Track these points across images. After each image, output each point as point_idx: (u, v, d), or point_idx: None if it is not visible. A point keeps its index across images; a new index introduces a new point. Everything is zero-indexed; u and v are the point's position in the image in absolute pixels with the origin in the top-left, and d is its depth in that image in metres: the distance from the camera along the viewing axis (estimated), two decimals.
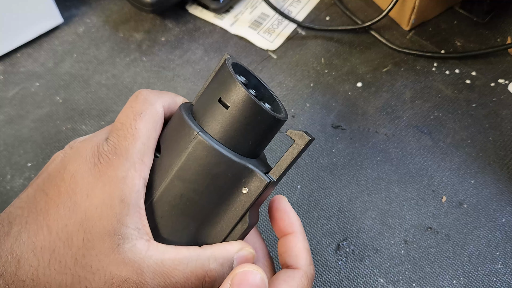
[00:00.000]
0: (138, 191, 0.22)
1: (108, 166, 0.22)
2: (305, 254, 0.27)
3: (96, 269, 0.21)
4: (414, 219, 0.39)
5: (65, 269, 0.21)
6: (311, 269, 0.27)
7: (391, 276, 0.37)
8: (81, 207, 0.22)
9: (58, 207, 0.22)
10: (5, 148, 0.44)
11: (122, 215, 0.22)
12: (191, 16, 0.54)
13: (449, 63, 0.49)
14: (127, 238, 0.22)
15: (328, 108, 0.46)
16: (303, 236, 0.28)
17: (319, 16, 0.54)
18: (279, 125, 0.25)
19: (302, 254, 0.27)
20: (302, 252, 0.27)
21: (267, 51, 0.51)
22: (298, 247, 0.27)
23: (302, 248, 0.27)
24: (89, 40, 0.52)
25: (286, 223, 0.28)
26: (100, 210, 0.22)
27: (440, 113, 0.45)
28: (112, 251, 0.21)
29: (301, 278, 0.26)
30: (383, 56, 0.50)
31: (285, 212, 0.28)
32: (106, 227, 0.21)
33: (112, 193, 0.22)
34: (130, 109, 0.24)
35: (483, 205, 0.40)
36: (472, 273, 0.36)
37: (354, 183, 0.41)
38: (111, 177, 0.22)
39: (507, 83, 0.47)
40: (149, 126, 0.23)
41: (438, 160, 0.42)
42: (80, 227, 0.21)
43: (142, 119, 0.23)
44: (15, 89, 0.48)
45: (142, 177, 0.23)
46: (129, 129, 0.23)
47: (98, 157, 0.23)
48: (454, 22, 0.52)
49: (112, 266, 0.21)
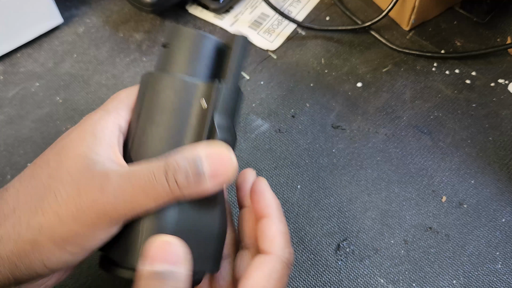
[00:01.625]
0: (111, 131, 0.25)
1: (87, 116, 0.26)
2: (279, 238, 0.26)
3: (66, 182, 0.23)
4: (414, 219, 0.39)
5: (39, 183, 0.24)
6: (287, 253, 0.26)
7: (391, 276, 0.37)
8: (60, 143, 0.25)
9: (46, 151, 0.26)
10: (5, 148, 0.44)
11: (94, 144, 0.24)
12: (191, 16, 0.54)
13: (449, 63, 0.49)
14: (98, 162, 0.23)
15: (328, 108, 0.46)
16: (278, 219, 0.27)
17: (319, 16, 0.54)
18: (209, 42, 0.28)
19: (276, 238, 0.26)
20: (276, 237, 0.26)
21: (267, 51, 0.51)
22: (272, 231, 0.26)
23: (276, 232, 0.26)
24: (89, 40, 0.52)
25: (261, 205, 0.27)
26: (74, 141, 0.25)
27: (440, 113, 0.45)
28: (83, 169, 0.23)
29: (274, 263, 0.25)
30: (383, 56, 0.50)
31: (261, 194, 0.28)
32: (78, 152, 0.24)
33: (86, 129, 0.25)
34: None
35: (483, 205, 0.40)
36: (472, 273, 0.36)
37: (354, 183, 0.41)
38: (87, 120, 0.25)
39: (507, 83, 0.47)
40: (126, 92, 0.27)
41: (438, 160, 0.42)
42: (57, 155, 0.24)
43: (121, 92, 0.27)
44: (15, 89, 0.48)
45: (116, 123, 0.25)
46: (110, 97, 0.27)
47: None
48: (454, 22, 0.52)
49: (81, 181, 0.23)
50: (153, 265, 0.22)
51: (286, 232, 0.27)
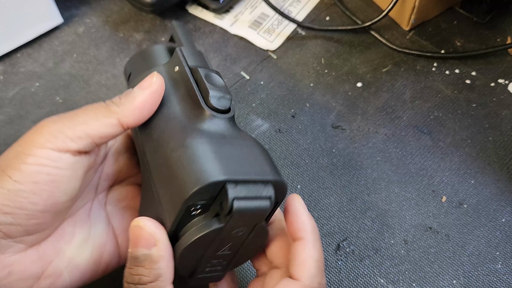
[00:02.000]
0: None
1: None
2: (310, 264, 0.25)
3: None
4: (414, 219, 0.39)
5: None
6: (315, 282, 0.24)
7: (391, 276, 0.37)
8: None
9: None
10: (5, 148, 0.43)
11: None
12: (191, 16, 0.54)
13: (449, 63, 0.49)
14: None
15: (328, 108, 0.46)
16: (313, 243, 0.25)
17: (319, 16, 0.54)
18: (157, 48, 0.32)
19: (307, 264, 0.25)
20: (306, 262, 0.25)
21: (267, 51, 0.51)
22: (303, 256, 0.25)
23: (307, 257, 0.25)
24: (89, 40, 0.52)
25: (295, 227, 0.26)
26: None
27: (440, 113, 0.45)
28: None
29: None
30: (383, 56, 0.50)
31: (295, 215, 0.26)
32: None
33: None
34: None
35: (483, 205, 0.40)
36: (472, 273, 0.36)
37: (354, 183, 0.41)
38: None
39: (507, 83, 0.47)
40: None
41: (438, 160, 0.42)
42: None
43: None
44: (15, 89, 0.48)
45: None
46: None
47: None
48: (454, 22, 0.52)
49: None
50: (132, 249, 0.23)
51: (320, 260, 0.25)
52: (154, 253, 0.22)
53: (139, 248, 0.23)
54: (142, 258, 0.22)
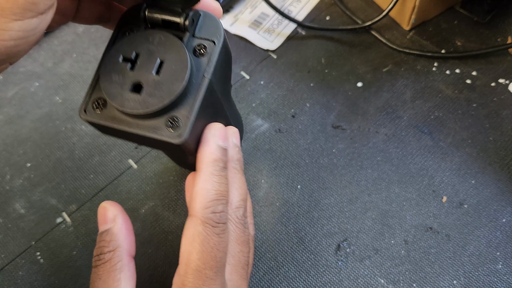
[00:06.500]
0: None
1: None
2: (199, 197, 0.25)
3: None
4: (415, 219, 0.39)
5: None
6: (206, 212, 0.25)
7: (392, 277, 0.36)
8: None
9: None
10: (4, 148, 0.44)
11: None
12: None
13: (449, 63, 0.49)
14: None
15: (328, 108, 0.46)
16: (207, 175, 0.25)
17: (319, 16, 0.54)
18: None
19: (197, 197, 0.25)
20: (197, 195, 0.25)
21: (267, 51, 0.51)
22: (194, 190, 0.25)
23: (198, 190, 0.25)
24: (88, 40, 0.52)
25: (197, 159, 0.26)
26: None
27: (440, 113, 0.45)
28: None
29: (195, 225, 0.24)
30: (384, 56, 0.50)
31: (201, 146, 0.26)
32: None
33: None
34: None
35: (483, 205, 0.40)
36: (472, 274, 0.36)
37: (354, 183, 0.41)
38: None
39: (508, 83, 0.47)
40: None
41: (439, 160, 0.42)
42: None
43: None
44: (15, 89, 0.48)
45: None
46: None
47: None
48: (454, 22, 0.52)
49: None
50: (99, 227, 0.27)
51: (210, 189, 0.25)
52: (113, 228, 0.27)
53: (102, 225, 0.27)
54: (104, 233, 0.27)
